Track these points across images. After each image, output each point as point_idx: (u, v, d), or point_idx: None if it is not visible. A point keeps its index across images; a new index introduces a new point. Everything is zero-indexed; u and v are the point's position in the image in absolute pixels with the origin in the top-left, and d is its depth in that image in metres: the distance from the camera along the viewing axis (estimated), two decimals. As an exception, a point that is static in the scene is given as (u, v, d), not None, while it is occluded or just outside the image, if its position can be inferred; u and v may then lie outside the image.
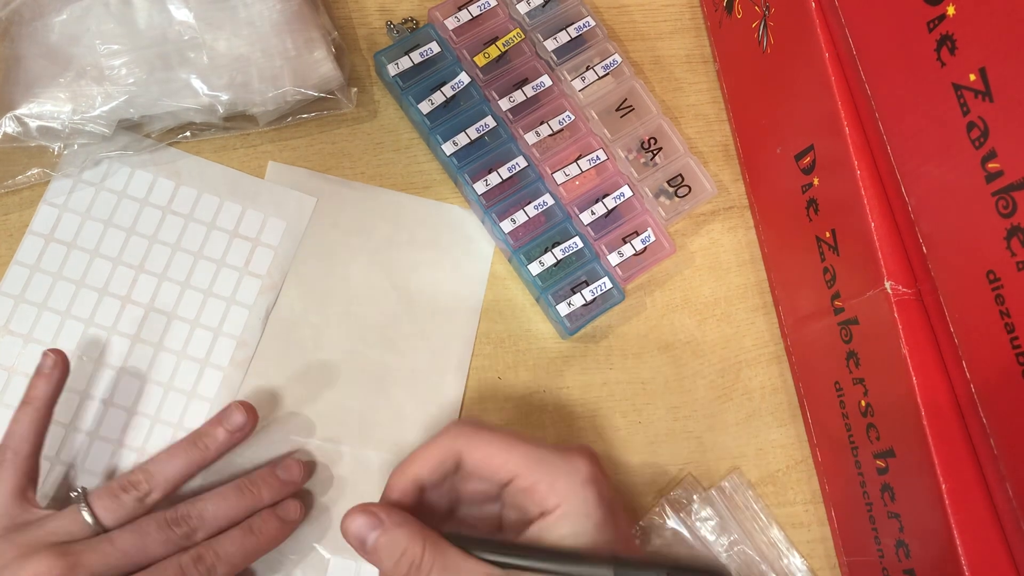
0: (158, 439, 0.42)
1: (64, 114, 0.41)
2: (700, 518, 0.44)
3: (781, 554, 0.45)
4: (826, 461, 0.45)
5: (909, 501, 0.38)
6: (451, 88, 0.46)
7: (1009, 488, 0.33)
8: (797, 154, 0.44)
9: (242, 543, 0.37)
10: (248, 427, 0.40)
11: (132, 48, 0.42)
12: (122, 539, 0.35)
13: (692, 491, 0.45)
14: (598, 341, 0.47)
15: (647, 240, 0.46)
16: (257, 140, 0.47)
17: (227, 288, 0.45)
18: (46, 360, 0.38)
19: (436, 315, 0.46)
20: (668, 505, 0.44)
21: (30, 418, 0.37)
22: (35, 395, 0.38)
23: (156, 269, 0.44)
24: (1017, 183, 0.30)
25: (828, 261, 0.42)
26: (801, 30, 0.41)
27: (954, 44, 0.32)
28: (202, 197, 0.46)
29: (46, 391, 0.38)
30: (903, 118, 0.36)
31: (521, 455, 0.34)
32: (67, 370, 0.39)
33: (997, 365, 0.32)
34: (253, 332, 0.44)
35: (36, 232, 0.44)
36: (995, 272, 0.32)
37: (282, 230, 0.46)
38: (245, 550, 0.37)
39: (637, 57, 0.52)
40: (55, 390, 0.38)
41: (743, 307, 0.49)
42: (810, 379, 0.46)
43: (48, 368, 0.38)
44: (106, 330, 0.43)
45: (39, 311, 0.43)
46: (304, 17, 0.44)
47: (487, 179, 0.46)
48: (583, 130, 0.47)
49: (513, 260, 0.46)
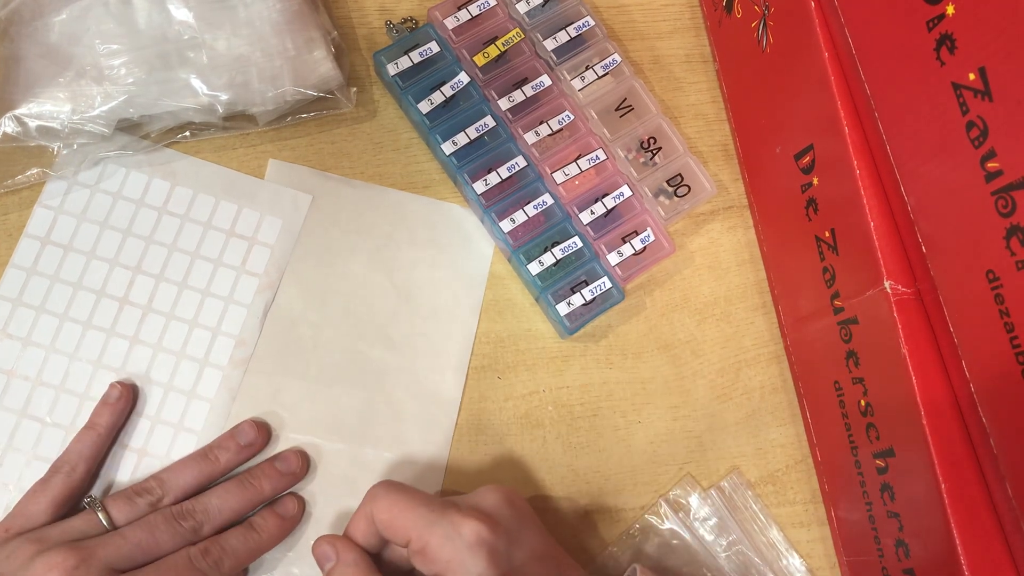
0: (159, 440, 0.42)
1: (64, 114, 0.41)
2: (699, 518, 0.44)
3: (780, 555, 0.45)
4: (826, 461, 0.45)
5: (909, 501, 0.38)
6: (450, 88, 0.46)
7: (1009, 488, 0.33)
8: (796, 153, 0.44)
9: (246, 539, 0.39)
10: (259, 444, 0.42)
11: (132, 48, 0.42)
12: (132, 533, 0.37)
13: (691, 491, 0.45)
14: (598, 341, 0.47)
15: (646, 240, 0.46)
16: (257, 140, 0.47)
17: (225, 287, 0.45)
18: (112, 392, 0.41)
19: (435, 314, 0.46)
20: (666, 505, 0.44)
21: (91, 441, 0.40)
22: (99, 422, 0.40)
23: (153, 270, 0.44)
24: (1016, 182, 0.30)
25: (828, 261, 0.42)
26: (801, 30, 0.41)
27: (953, 43, 0.32)
28: (198, 197, 0.46)
29: (109, 420, 0.41)
30: (902, 117, 0.36)
31: (415, 517, 0.34)
32: (130, 401, 0.42)
33: (997, 365, 0.32)
34: (252, 331, 0.44)
35: (32, 235, 0.44)
36: (995, 271, 0.32)
37: (278, 228, 0.46)
38: (249, 546, 0.39)
39: (637, 57, 0.52)
40: (118, 419, 0.41)
41: (742, 307, 0.49)
42: (810, 379, 0.46)
43: (114, 399, 0.41)
44: (104, 332, 0.43)
45: (37, 314, 0.43)
46: (304, 17, 0.44)
47: (486, 179, 0.46)
48: (582, 130, 0.47)
49: (512, 260, 0.46)
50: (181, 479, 0.39)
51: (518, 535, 0.35)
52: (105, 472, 0.41)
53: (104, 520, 0.37)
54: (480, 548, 0.33)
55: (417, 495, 0.35)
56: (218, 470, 0.40)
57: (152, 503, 0.38)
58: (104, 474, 0.41)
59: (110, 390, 0.41)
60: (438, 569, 0.34)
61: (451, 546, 0.33)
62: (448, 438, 0.44)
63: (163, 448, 0.42)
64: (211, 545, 0.38)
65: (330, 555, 0.36)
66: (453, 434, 0.45)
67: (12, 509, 0.38)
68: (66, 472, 0.39)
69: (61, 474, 0.39)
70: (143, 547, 0.36)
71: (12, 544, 0.36)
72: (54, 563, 0.34)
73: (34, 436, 0.41)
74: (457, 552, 0.33)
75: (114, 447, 0.42)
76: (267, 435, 0.42)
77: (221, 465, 0.40)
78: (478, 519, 0.34)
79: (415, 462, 0.44)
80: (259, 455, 0.42)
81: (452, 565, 0.33)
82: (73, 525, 0.37)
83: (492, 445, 0.45)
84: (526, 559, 0.35)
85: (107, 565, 0.35)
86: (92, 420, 0.40)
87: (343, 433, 0.43)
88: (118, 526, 0.37)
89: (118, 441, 0.42)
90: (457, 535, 0.33)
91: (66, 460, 0.39)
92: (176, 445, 0.42)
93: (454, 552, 0.33)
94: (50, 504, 0.38)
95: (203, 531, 0.38)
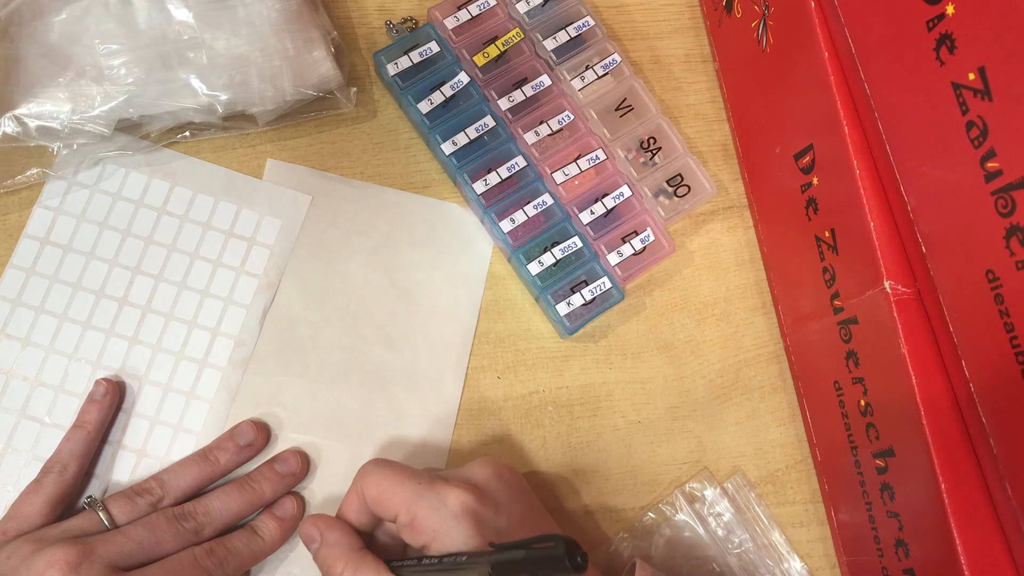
0: (158, 440, 0.42)
1: (63, 114, 0.41)
2: (713, 512, 0.44)
3: (782, 557, 0.44)
4: (825, 461, 0.45)
5: (909, 501, 0.38)
6: (450, 88, 0.46)
7: (1009, 488, 0.33)
8: (796, 153, 0.44)
9: (249, 542, 0.39)
10: (258, 444, 0.42)
11: (131, 48, 0.42)
12: (134, 531, 0.37)
13: (708, 485, 0.45)
14: (597, 341, 0.47)
15: (646, 240, 0.46)
16: (256, 140, 0.47)
17: (224, 288, 0.45)
18: (98, 388, 0.41)
19: (435, 313, 0.46)
20: (682, 496, 0.44)
21: (81, 439, 0.40)
22: (86, 419, 0.40)
23: (152, 270, 0.44)
24: (1016, 182, 0.30)
25: (827, 260, 0.42)
26: (800, 29, 0.41)
27: (953, 43, 0.32)
28: (197, 197, 0.46)
29: (97, 417, 0.40)
30: (902, 117, 0.36)
31: (403, 491, 0.35)
32: (117, 397, 0.42)
33: (996, 365, 0.32)
34: (251, 331, 0.44)
35: (31, 235, 0.44)
36: (994, 271, 0.32)
37: (278, 229, 0.46)
38: (252, 549, 0.39)
39: (636, 56, 0.52)
40: (106, 416, 0.41)
41: (742, 307, 0.49)
42: (809, 379, 0.46)
43: (100, 396, 0.41)
44: (103, 332, 0.43)
45: (36, 314, 0.43)
46: (303, 17, 0.44)
47: (486, 179, 0.46)
48: (582, 130, 0.47)
49: (512, 260, 0.46)
50: (181, 480, 0.39)
51: (507, 506, 0.35)
52: (103, 473, 0.41)
53: (105, 519, 0.37)
54: (465, 517, 0.33)
55: (406, 470, 0.36)
56: (218, 471, 0.40)
57: (152, 503, 0.38)
58: (102, 475, 0.41)
59: (96, 387, 0.41)
60: (425, 539, 0.34)
61: (437, 516, 0.34)
62: (447, 438, 0.44)
63: (162, 449, 0.42)
64: (216, 546, 0.38)
65: (315, 536, 0.36)
66: (452, 434, 0.45)
67: (6, 512, 0.38)
68: (58, 472, 0.38)
69: (53, 474, 0.38)
70: (145, 546, 0.36)
71: (12, 545, 0.36)
72: (55, 559, 0.34)
73: (33, 436, 0.41)
74: (443, 522, 0.33)
75: (113, 448, 0.42)
76: (266, 435, 0.42)
77: (221, 466, 0.40)
78: (464, 489, 0.34)
79: (414, 461, 0.44)
80: (259, 455, 0.42)
81: (438, 535, 0.33)
82: (74, 524, 0.37)
83: (492, 445, 0.45)
84: (514, 528, 0.35)
85: (109, 562, 0.35)
86: (80, 418, 0.40)
87: (342, 433, 0.43)
88: (119, 525, 0.37)
89: (117, 442, 0.42)
90: (443, 505, 0.34)
91: (57, 460, 0.39)
92: (175, 446, 0.42)
93: (440, 522, 0.33)
94: (44, 504, 0.38)
95: (204, 532, 0.38)
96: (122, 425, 0.42)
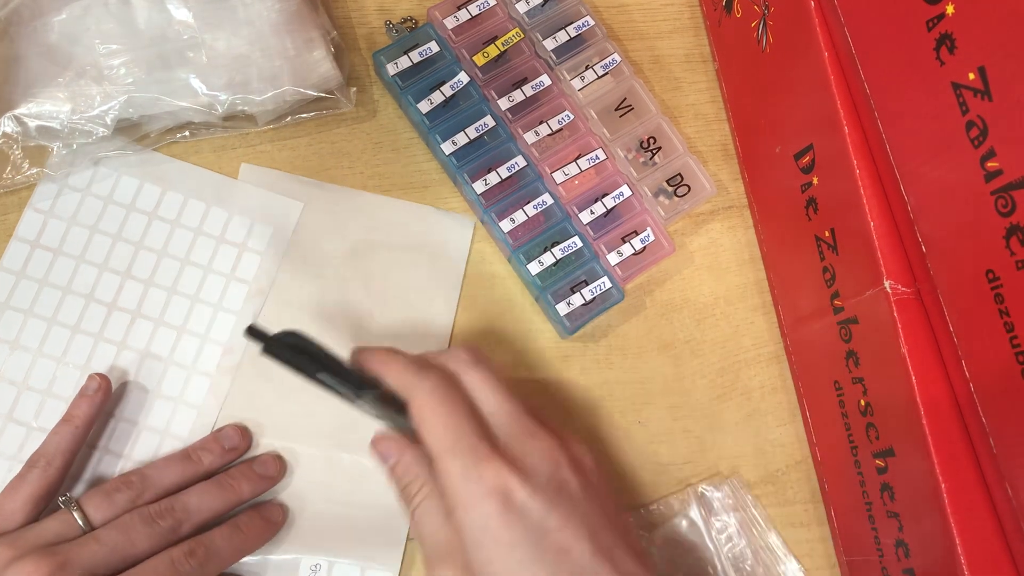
0: (144, 446, 0.42)
1: (63, 114, 0.41)
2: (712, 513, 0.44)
3: (778, 560, 0.44)
4: (825, 461, 0.45)
5: (909, 500, 0.38)
6: (450, 87, 0.46)
7: (1009, 488, 0.33)
8: (796, 153, 0.44)
9: (230, 539, 0.38)
10: (242, 448, 0.42)
11: (131, 48, 0.42)
12: (108, 535, 0.36)
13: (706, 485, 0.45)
14: (597, 341, 0.47)
15: (646, 240, 0.46)
16: (256, 140, 0.47)
17: (214, 294, 0.44)
18: (91, 383, 0.40)
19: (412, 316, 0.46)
20: (681, 496, 0.44)
21: (68, 434, 0.39)
22: (76, 414, 0.39)
23: (142, 275, 0.44)
24: (1016, 182, 0.30)
25: (827, 260, 0.42)
26: (800, 29, 0.41)
27: (953, 43, 0.32)
28: (188, 203, 0.45)
29: (87, 412, 0.40)
30: (902, 117, 0.36)
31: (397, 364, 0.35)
32: (109, 393, 0.41)
33: (997, 364, 0.32)
34: (240, 338, 0.44)
35: (21, 238, 0.44)
36: (994, 271, 0.32)
37: (268, 235, 0.46)
38: (233, 547, 0.38)
39: (636, 56, 0.52)
40: (95, 412, 0.40)
41: (742, 306, 0.49)
42: (809, 378, 0.46)
43: (91, 391, 0.40)
44: (92, 336, 0.43)
45: (25, 317, 0.43)
46: (303, 17, 0.44)
47: (486, 179, 0.46)
48: (582, 129, 0.47)
49: (512, 260, 0.46)
50: (163, 477, 0.39)
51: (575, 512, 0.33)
52: (90, 478, 0.41)
53: (80, 520, 0.36)
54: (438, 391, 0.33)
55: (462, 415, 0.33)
56: (200, 471, 0.40)
57: (132, 499, 0.38)
58: (88, 480, 0.41)
59: (89, 381, 0.40)
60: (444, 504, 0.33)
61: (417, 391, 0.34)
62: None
63: (148, 454, 0.42)
64: (196, 546, 0.37)
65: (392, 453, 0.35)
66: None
67: None
68: (42, 467, 0.38)
69: (37, 469, 0.38)
70: (119, 550, 0.36)
71: None
72: (28, 572, 0.33)
73: (19, 440, 0.41)
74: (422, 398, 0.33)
75: (99, 452, 0.41)
76: (250, 440, 0.42)
77: (203, 466, 0.40)
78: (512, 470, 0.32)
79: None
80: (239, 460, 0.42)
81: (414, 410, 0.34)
82: (48, 527, 0.36)
83: (492, 445, 0.45)
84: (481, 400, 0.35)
85: (84, 572, 0.34)
86: (69, 413, 0.40)
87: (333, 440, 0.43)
88: (95, 526, 0.36)
89: (103, 446, 0.42)
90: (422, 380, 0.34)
91: (42, 454, 0.38)
92: (162, 451, 0.42)
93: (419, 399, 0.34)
94: (27, 500, 0.37)
95: (181, 530, 0.38)
96: (110, 429, 0.42)
